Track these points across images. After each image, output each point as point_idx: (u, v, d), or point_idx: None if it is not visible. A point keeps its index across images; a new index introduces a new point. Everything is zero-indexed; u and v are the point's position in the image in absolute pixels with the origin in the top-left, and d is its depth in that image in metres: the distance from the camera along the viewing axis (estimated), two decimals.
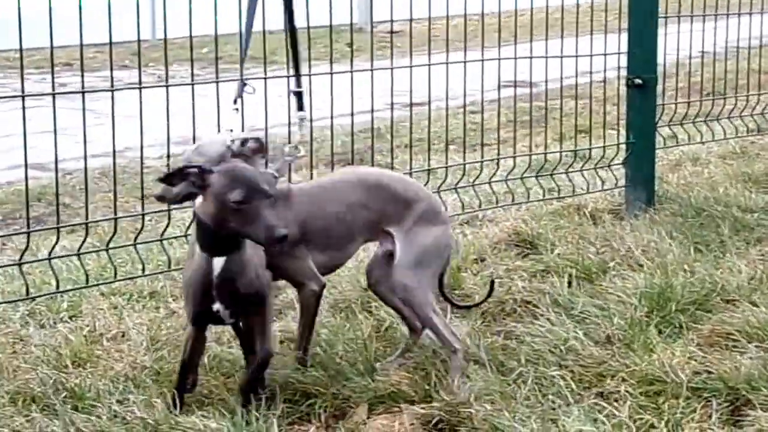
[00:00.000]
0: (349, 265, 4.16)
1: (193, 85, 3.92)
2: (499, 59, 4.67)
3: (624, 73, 5.04)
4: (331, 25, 4.12)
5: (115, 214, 3.92)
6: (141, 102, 3.69)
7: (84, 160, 3.76)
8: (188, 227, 4.08)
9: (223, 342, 3.43)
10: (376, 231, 3.24)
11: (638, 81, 4.83)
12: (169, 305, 3.82)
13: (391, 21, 4.31)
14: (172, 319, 3.66)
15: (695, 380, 3.08)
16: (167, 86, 3.83)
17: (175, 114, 3.82)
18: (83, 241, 3.82)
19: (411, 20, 4.39)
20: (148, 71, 4.12)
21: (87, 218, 3.86)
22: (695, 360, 3.22)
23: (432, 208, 3.26)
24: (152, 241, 4.06)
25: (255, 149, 3.07)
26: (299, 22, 3.92)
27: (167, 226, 4.00)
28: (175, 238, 4.15)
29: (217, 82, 3.91)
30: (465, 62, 4.55)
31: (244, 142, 3.05)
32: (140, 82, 3.78)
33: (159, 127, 3.84)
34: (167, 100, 3.79)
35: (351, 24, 4.40)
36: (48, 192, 5.31)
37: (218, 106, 3.73)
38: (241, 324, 3.10)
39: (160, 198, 2.98)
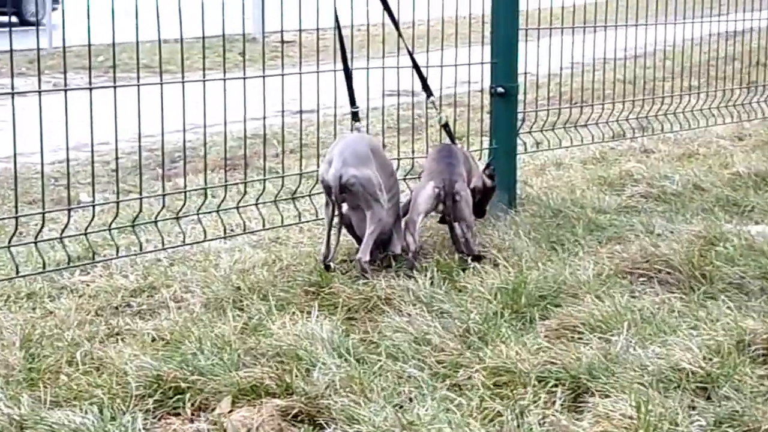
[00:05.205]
0: (222, 266, 4.30)
1: (91, 89, 3.99)
2: (383, 68, 4.86)
3: None
4: (224, 35, 4.33)
5: None
6: (41, 107, 3.84)
7: None
8: (63, 231, 4.16)
9: (95, 341, 3.49)
10: None
11: (500, 90, 5.01)
12: (45, 306, 3.85)
13: (282, 31, 4.61)
14: (48, 319, 3.70)
15: (541, 370, 3.20)
16: (65, 90, 3.97)
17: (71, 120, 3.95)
18: None
19: (300, 31, 4.60)
20: (43, 79, 4.18)
21: None
22: (542, 351, 3.33)
23: None
24: (27, 243, 4.11)
25: None
26: (194, 31, 4.11)
27: (41, 229, 4.04)
28: (48, 240, 4.22)
29: (115, 87, 4.05)
30: (350, 69, 4.73)
31: None
32: (39, 86, 3.89)
33: (52, 134, 3.93)
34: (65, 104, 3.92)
35: (243, 34, 4.69)
36: None
37: (115, 112, 3.83)
38: None
39: None
